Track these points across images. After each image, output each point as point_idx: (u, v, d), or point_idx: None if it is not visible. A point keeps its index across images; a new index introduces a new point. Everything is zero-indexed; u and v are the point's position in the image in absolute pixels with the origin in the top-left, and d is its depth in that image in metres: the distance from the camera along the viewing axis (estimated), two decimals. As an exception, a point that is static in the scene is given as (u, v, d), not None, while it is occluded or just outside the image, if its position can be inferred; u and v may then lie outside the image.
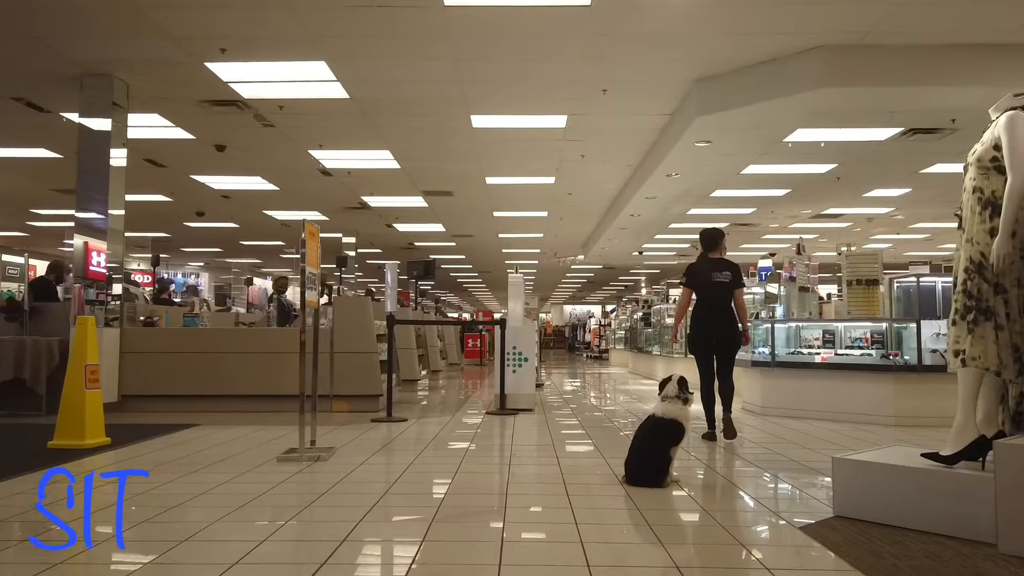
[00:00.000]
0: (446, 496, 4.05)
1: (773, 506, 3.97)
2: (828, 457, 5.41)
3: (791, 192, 13.46)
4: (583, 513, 3.70)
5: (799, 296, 8.47)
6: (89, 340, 5.77)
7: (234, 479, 4.47)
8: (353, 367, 8.31)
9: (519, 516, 3.67)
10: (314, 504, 3.87)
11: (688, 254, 22.76)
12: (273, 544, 3.13)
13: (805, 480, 4.75)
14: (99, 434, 5.75)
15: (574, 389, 12.39)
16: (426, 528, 3.39)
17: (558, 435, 6.62)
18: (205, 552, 3.04)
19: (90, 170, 8.23)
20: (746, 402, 8.98)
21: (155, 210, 16.10)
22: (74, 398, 5.65)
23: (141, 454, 5.42)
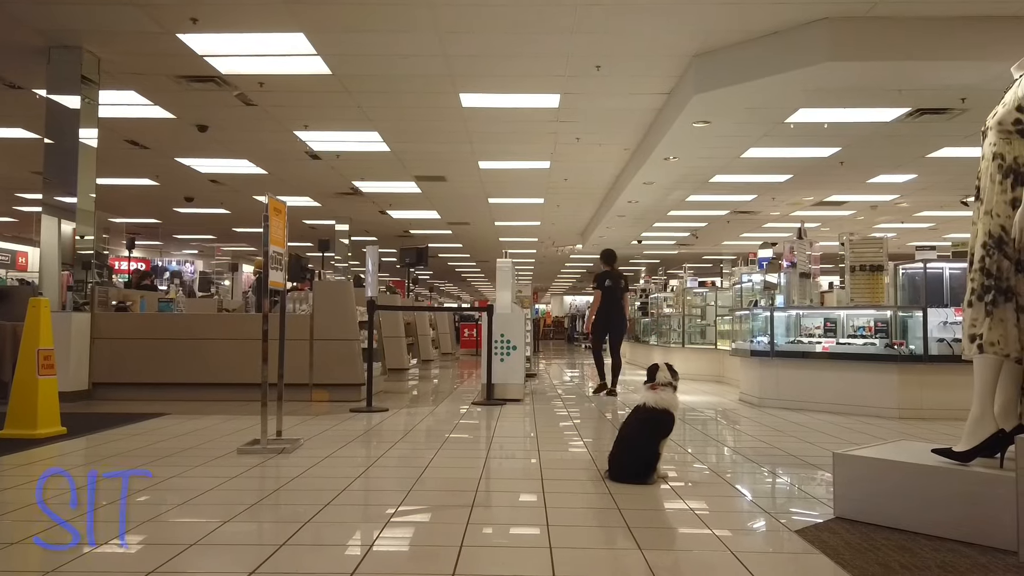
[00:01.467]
0: (408, 494, 3.69)
1: (768, 506, 3.62)
2: (828, 452, 5.06)
3: (793, 177, 13.08)
4: (558, 513, 3.35)
5: (800, 283, 8.09)
6: (42, 323, 5.42)
7: (183, 473, 4.13)
8: (333, 355, 7.96)
9: (486, 517, 3.32)
10: (261, 503, 3.52)
11: (688, 244, 22.42)
12: (201, 551, 2.78)
13: (803, 477, 4.40)
14: (53, 423, 5.41)
15: (568, 379, 12.04)
16: (376, 533, 3.04)
17: (544, 427, 6.27)
18: (114, 561, 2.69)
19: (59, 149, 7.86)
20: (743, 393, 8.64)
21: (143, 195, 15.76)
22: (26, 385, 5.30)
23: (94, 445, 5.08)
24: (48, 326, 5.49)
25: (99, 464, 4.44)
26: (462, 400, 8.32)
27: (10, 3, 6.77)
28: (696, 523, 3.26)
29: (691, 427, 6.48)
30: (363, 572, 2.54)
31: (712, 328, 12.38)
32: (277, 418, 5.18)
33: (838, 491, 3.41)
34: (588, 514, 3.48)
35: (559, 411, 7.49)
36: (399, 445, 5.27)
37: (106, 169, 13.35)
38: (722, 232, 20.23)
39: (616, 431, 4.30)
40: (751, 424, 6.81)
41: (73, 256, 7.79)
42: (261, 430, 4.85)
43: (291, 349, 7.88)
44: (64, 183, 7.83)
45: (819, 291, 8.45)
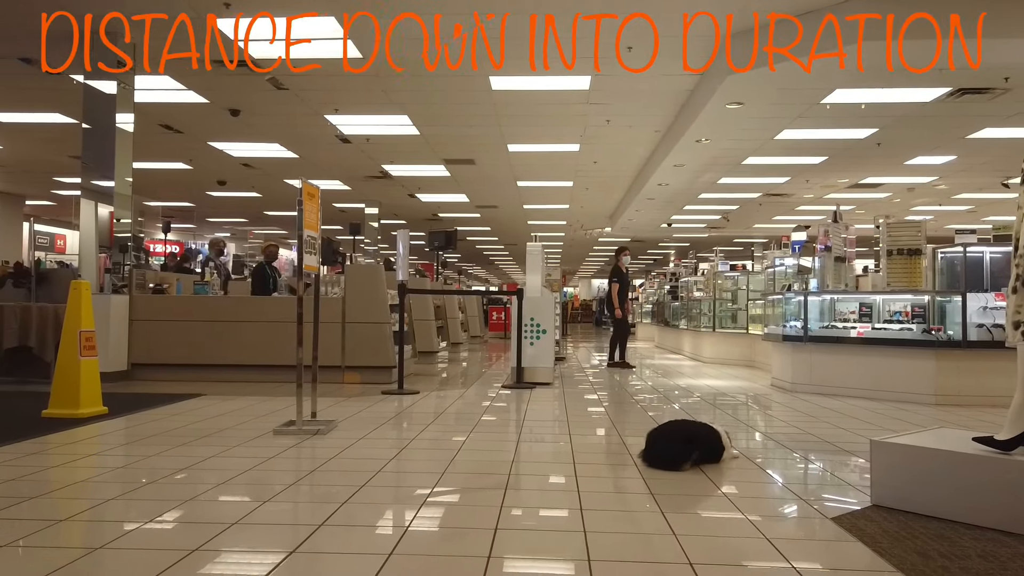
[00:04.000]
0: (442, 477, 3.73)
1: (802, 492, 3.60)
2: (863, 438, 5.02)
3: (828, 159, 12.85)
4: (591, 497, 3.36)
5: (834, 267, 7.97)
6: (83, 306, 5.54)
7: (222, 453, 4.21)
8: (364, 338, 8.04)
9: (519, 500, 3.34)
10: (299, 483, 3.58)
11: (719, 227, 22.19)
12: (241, 529, 2.84)
13: (838, 463, 4.36)
14: (95, 403, 5.54)
15: (597, 363, 12.02)
16: (411, 515, 3.08)
17: (574, 411, 6.27)
18: (159, 539, 2.76)
19: (96, 134, 7.99)
20: (775, 378, 8.56)
21: (177, 178, 15.96)
22: (68, 366, 5.43)
23: (135, 425, 5.19)
24: (89, 308, 5.61)
25: (140, 443, 4.54)
26: (491, 383, 8.36)
27: (49, -10, 6.87)
28: (729, 508, 3.25)
29: (722, 412, 6.45)
30: (399, 554, 2.58)
31: (743, 312, 12.26)
32: (312, 400, 5.25)
33: (875, 478, 3.38)
34: (620, 498, 3.48)
35: (589, 395, 7.49)
36: (431, 428, 5.31)
37: (141, 153, 13.49)
38: (754, 215, 19.97)
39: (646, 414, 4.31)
40: (783, 409, 6.75)
41: (111, 239, 7.94)
42: (296, 411, 4.91)
43: (323, 332, 7.99)
44: (101, 167, 7.97)
45: (854, 275, 8.31)
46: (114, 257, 7.93)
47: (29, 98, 10.31)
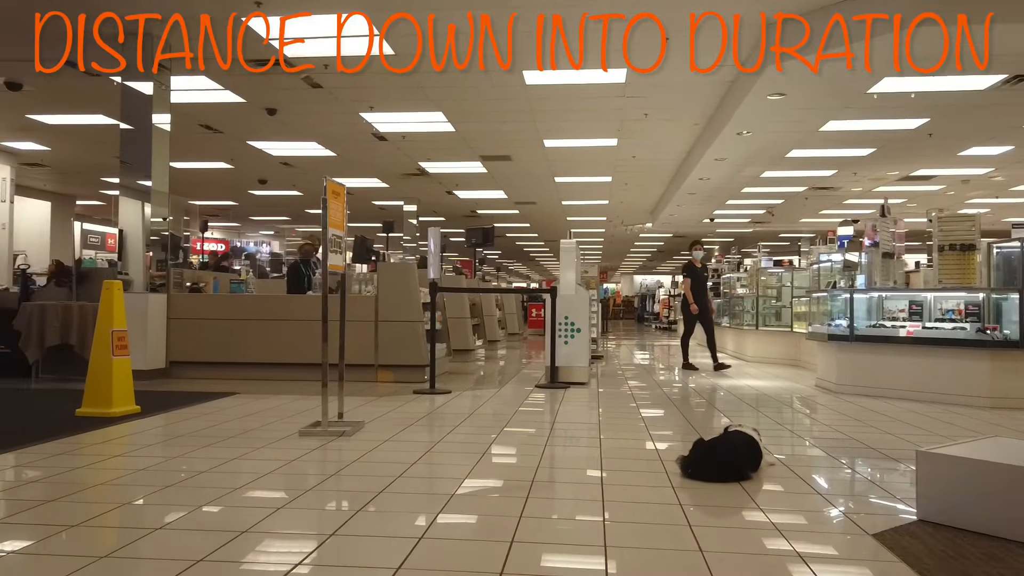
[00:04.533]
0: (463, 482, 3.62)
1: (843, 504, 3.39)
2: (911, 444, 4.77)
3: (876, 151, 12.40)
4: (617, 508, 3.22)
5: (882, 263, 7.65)
6: (115, 305, 5.57)
7: (245, 455, 4.17)
8: (397, 336, 8.00)
9: (541, 509, 3.21)
10: (317, 487, 3.51)
11: (764, 222, 21.70)
12: (249, 538, 2.77)
13: (883, 472, 4.13)
14: (127, 402, 5.58)
15: (636, 362, 11.82)
16: (427, 525, 2.97)
17: (607, 412, 6.12)
18: (161, 549, 2.70)
19: (134, 134, 8.09)
20: (820, 378, 8.27)
21: (219, 178, 16.18)
22: (101, 365, 5.47)
23: (165, 424, 5.21)
24: (121, 308, 5.64)
25: (165, 445, 4.54)
26: (526, 382, 8.24)
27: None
28: (762, 522, 3.07)
29: (762, 415, 6.22)
30: (408, 568, 2.47)
31: (788, 310, 11.91)
32: (339, 400, 5.19)
33: (922, 491, 3.16)
34: (647, 509, 3.32)
35: (625, 396, 7.31)
36: (458, 429, 5.21)
37: (183, 153, 13.78)
38: (800, 209, 19.45)
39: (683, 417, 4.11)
40: (827, 412, 6.50)
41: (148, 238, 8.02)
42: (322, 412, 4.86)
43: (356, 330, 8.00)
44: (139, 167, 8.05)
45: (903, 271, 7.96)
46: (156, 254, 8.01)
47: (73, 100, 10.50)
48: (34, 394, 6.87)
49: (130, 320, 7.76)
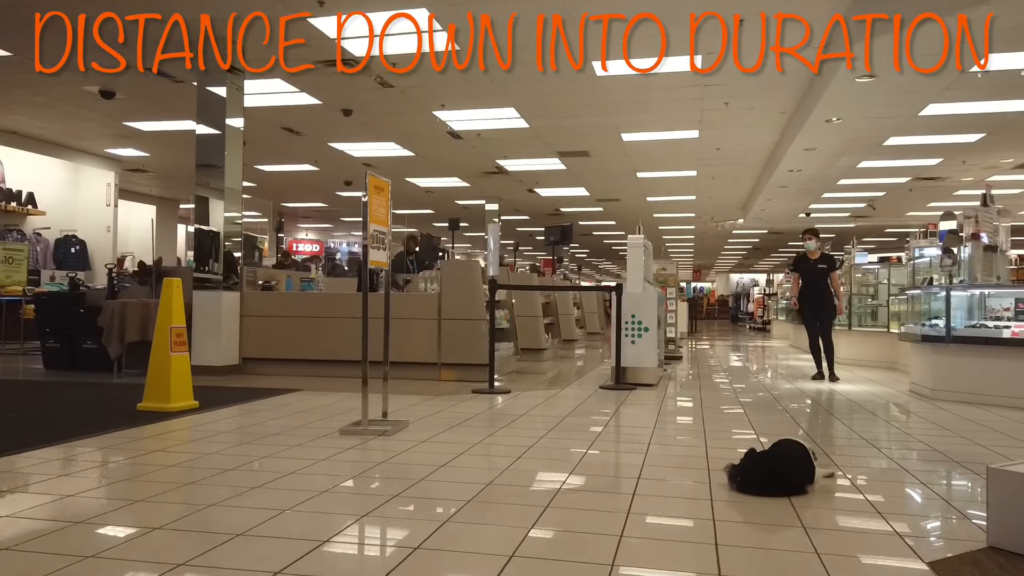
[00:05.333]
0: (483, 491, 3.42)
1: (904, 525, 2.99)
2: (1000, 458, 4.25)
3: (986, 136, 11.38)
4: (638, 523, 2.95)
5: (984, 257, 6.94)
6: (174, 302, 5.70)
7: (276, 454, 4.12)
8: (460, 335, 7.90)
9: (555, 522, 2.98)
10: (331, 490, 3.39)
11: (866, 215, 20.47)
12: (240, 541, 2.68)
13: (961, 490, 3.67)
14: (185, 397, 5.69)
15: (716, 363, 11.30)
16: (420, 540, 2.80)
17: (667, 418, 5.79)
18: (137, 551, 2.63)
19: (209, 136, 8.32)
20: (914, 383, 7.62)
21: (306, 180, 16.62)
22: (160, 361, 5.61)
23: (215, 420, 5.27)
24: (180, 305, 5.77)
25: (206, 440, 4.56)
26: (592, 383, 7.97)
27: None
28: (803, 546, 2.72)
29: (841, 422, 5.74)
30: (391, 580, 2.31)
31: (884, 308, 11.11)
32: (383, 398, 5.11)
33: (993, 514, 2.74)
34: (674, 527, 3.04)
35: (692, 399, 6.94)
36: (502, 431, 5.03)
37: (268, 156, 14.25)
38: (904, 202, 18.21)
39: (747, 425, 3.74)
40: (916, 420, 5.94)
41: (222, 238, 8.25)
42: (362, 411, 4.79)
43: (420, 328, 7.96)
44: (215, 168, 8.28)
45: (1007, 266, 7.22)
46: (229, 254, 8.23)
47: (166, 106, 10.95)
48: (111, 388, 7.16)
49: (204, 317, 8.13)
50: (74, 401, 6.42)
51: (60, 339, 8.52)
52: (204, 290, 8.17)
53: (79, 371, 8.26)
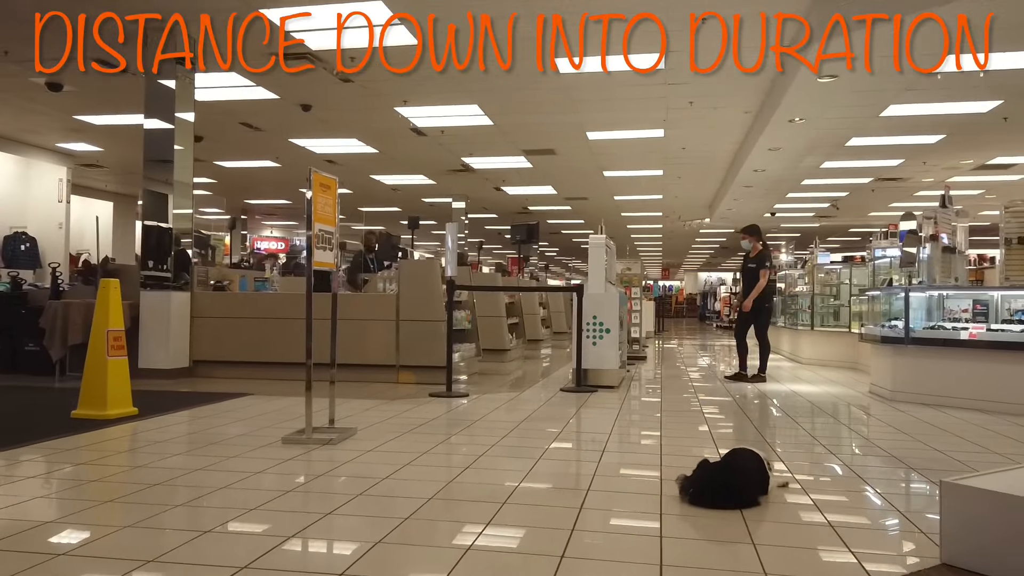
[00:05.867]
0: (422, 507, 3.26)
1: (854, 539, 2.88)
2: (960, 464, 4.20)
3: (946, 138, 11.47)
4: (583, 541, 2.81)
5: (942, 259, 6.94)
6: (112, 304, 5.44)
7: (211, 465, 3.91)
8: (419, 336, 7.71)
9: (495, 542, 2.83)
10: (263, 506, 3.20)
11: (828, 215, 20.64)
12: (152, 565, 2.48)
13: (917, 500, 3.59)
14: (124, 404, 5.43)
15: (680, 363, 11.24)
16: (357, 556, 2.63)
17: (625, 422, 5.67)
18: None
19: (157, 129, 8.02)
20: (874, 384, 7.60)
21: (269, 176, 16.27)
22: (96, 366, 5.35)
23: (154, 428, 5.03)
24: (118, 307, 5.51)
25: (140, 451, 4.35)
26: (554, 385, 7.83)
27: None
28: (751, 563, 2.60)
29: (798, 424, 5.66)
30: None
31: (846, 309, 11.15)
32: (330, 405, 4.92)
33: (946, 530, 2.65)
34: (619, 542, 2.90)
35: (652, 402, 6.84)
36: (455, 438, 4.87)
37: (228, 152, 13.92)
38: (867, 202, 18.37)
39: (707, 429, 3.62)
40: (874, 423, 5.90)
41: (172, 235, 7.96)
42: (306, 420, 4.59)
43: (377, 329, 7.77)
44: (162, 163, 7.99)
45: (965, 268, 7.23)
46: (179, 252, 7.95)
47: (114, 100, 10.59)
48: (49, 393, 6.86)
49: (152, 319, 7.84)
50: (5, 406, 6.12)
51: (0, 340, 8.17)
52: (153, 290, 7.88)
53: (19, 374, 7.93)
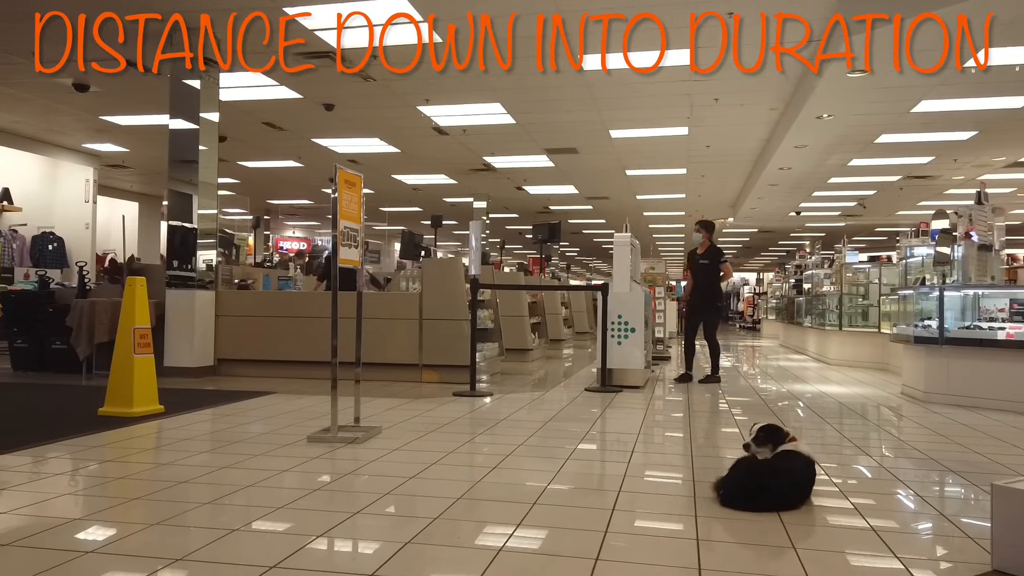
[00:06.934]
0: (451, 507, 3.20)
1: (898, 544, 2.78)
2: (1002, 468, 4.07)
3: (979, 135, 11.23)
4: (616, 544, 2.74)
5: (978, 257, 6.77)
6: (138, 302, 5.44)
7: (238, 463, 3.89)
8: (442, 335, 7.66)
9: (527, 539, 2.76)
10: (287, 507, 3.15)
11: (856, 214, 20.36)
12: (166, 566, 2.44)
13: (961, 504, 3.48)
14: (150, 402, 5.43)
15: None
16: (386, 557, 2.58)
17: (652, 422, 5.58)
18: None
19: (182, 130, 8.05)
20: (906, 385, 7.44)
21: (291, 176, 16.33)
22: (122, 364, 5.35)
23: (180, 426, 5.02)
24: (144, 304, 5.52)
25: (166, 449, 4.33)
26: (578, 384, 7.76)
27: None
28: (791, 564, 2.51)
29: (830, 426, 5.54)
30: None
31: (875, 309, 10.96)
32: (355, 403, 4.88)
33: (998, 535, 2.54)
34: (654, 545, 2.82)
35: (679, 401, 6.74)
36: (479, 438, 4.81)
37: (251, 152, 13.97)
38: (895, 201, 18.08)
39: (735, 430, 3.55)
40: (909, 425, 5.75)
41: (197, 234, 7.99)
42: (331, 418, 4.55)
43: (400, 328, 7.73)
44: (187, 163, 8.02)
45: (1002, 267, 7.05)
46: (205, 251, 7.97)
47: (142, 100, 10.63)
48: (76, 391, 6.89)
49: (178, 317, 7.87)
50: (34, 404, 6.16)
51: (28, 339, 8.25)
52: (178, 289, 7.91)
53: (47, 372, 7.99)
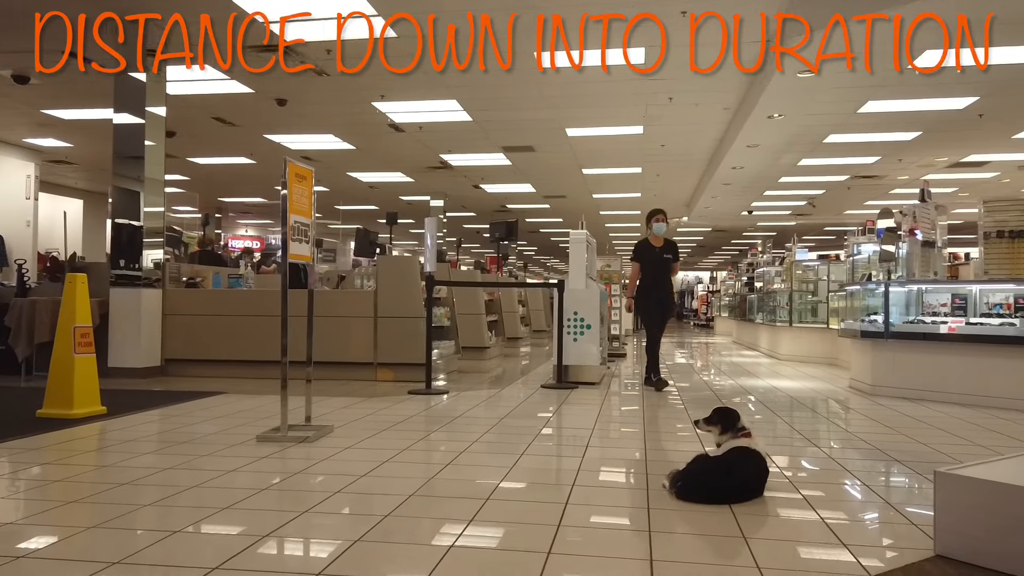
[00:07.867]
0: (401, 504, 3.15)
1: (847, 533, 2.83)
2: (945, 457, 4.17)
3: (922, 135, 11.56)
4: (568, 537, 2.72)
5: (922, 254, 6.95)
6: (79, 300, 5.26)
7: (184, 464, 3.78)
8: (397, 333, 7.58)
9: (478, 535, 2.73)
10: (236, 505, 3.07)
11: (806, 214, 20.78)
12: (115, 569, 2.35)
13: (906, 492, 3.55)
14: (91, 403, 5.26)
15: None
16: (335, 555, 2.52)
17: (607, 417, 5.60)
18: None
19: (127, 124, 7.82)
20: (854, 379, 7.60)
21: (243, 173, 16.01)
22: (62, 364, 5.16)
23: (123, 428, 4.86)
24: (85, 302, 5.34)
25: (107, 451, 4.19)
26: (534, 382, 7.75)
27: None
28: (743, 557, 2.54)
29: (781, 420, 5.63)
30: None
31: (824, 305, 11.19)
32: (306, 402, 4.80)
33: (941, 521, 2.59)
34: (606, 538, 2.82)
35: (634, 397, 6.77)
36: (434, 435, 4.76)
37: (200, 148, 13.66)
38: (843, 200, 18.52)
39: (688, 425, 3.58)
40: (856, 417, 5.87)
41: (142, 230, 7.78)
42: (281, 418, 4.46)
43: (355, 326, 7.63)
44: (133, 159, 7.80)
45: (944, 263, 7.26)
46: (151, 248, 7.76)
47: (83, 94, 10.34)
48: (15, 392, 6.64)
49: (123, 316, 7.64)
50: (-30, 407, 5.91)
51: (-35, 340, 7.92)
52: (123, 287, 7.68)
53: (-16, 374, 7.69)
